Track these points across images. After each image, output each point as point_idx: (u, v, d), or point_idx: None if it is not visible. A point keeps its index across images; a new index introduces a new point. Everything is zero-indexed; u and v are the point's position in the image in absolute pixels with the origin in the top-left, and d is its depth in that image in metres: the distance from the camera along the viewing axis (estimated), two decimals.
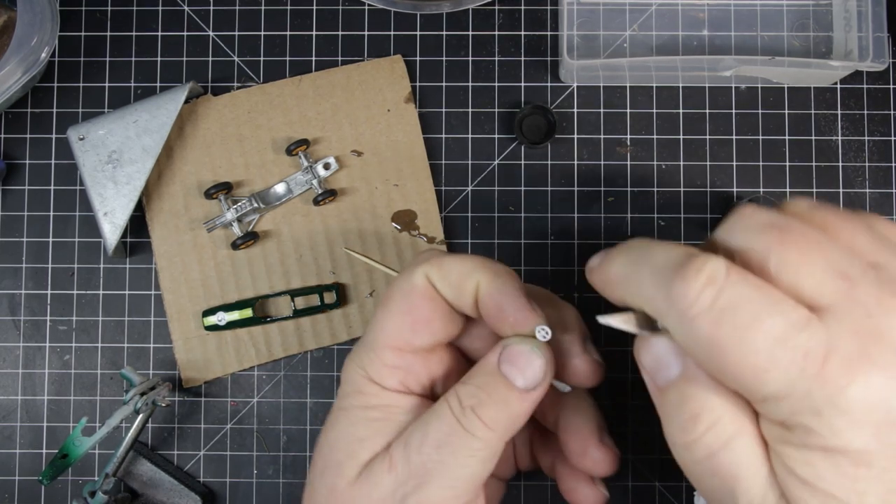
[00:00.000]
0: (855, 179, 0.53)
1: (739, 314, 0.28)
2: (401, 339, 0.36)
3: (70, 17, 0.54)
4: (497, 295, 0.35)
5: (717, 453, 0.30)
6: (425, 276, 0.37)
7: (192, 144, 0.53)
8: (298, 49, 0.54)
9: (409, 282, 0.37)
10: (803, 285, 0.29)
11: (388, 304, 0.37)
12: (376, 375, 0.37)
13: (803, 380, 0.27)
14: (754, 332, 0.28)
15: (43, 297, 0.53)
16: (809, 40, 0.53)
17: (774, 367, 0.28)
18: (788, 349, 0.28)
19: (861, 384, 0.27)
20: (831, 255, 0.29)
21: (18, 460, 0.52)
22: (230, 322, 0.51)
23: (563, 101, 0.53)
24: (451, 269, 0.36)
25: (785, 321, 0.28)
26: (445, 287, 0.36)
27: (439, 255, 0.38)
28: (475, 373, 0.36)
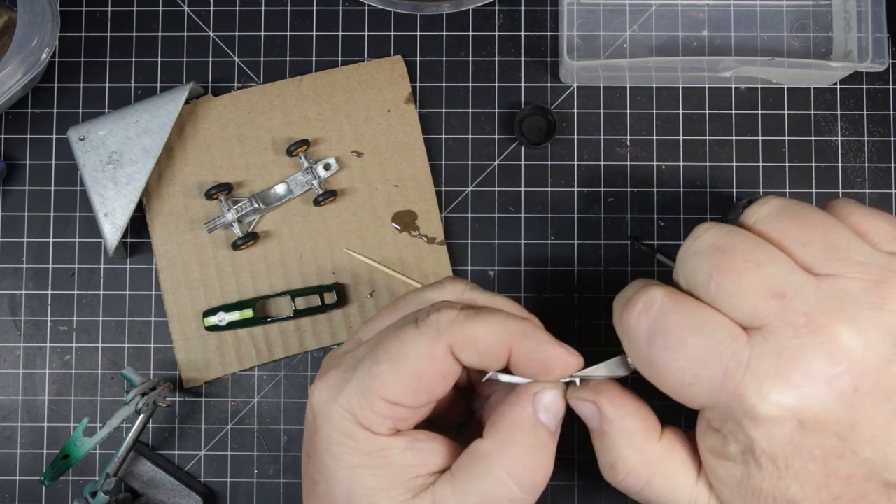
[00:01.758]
0: (855, 180, 0.53)
1: (666, 337, 0.32)
2: (399, 399, 0.34)
3: (70, 17, 0.54)
4: (536, 356, 0.35)
5: (640, 492, 0.35)
6: (448, 347, 0.35)
7: (193, 145, 0.53)
8: (299, 49, 0.54)
9: (430, 350, 0.34)
10: (738, 307, 0.31)
11: (398, 361, 0.34)
12: (367, 423, 0.35)
13: (723, 395, 0.31)
14: (678, 352, 0.32)
15: (43, 297, 0.53)
16: (809, 41, 0.54)
17: (697, 382, 0.31)
18: (710, 367, 0.31)
19: (772, 402, 0.30)
20: (770, 273, 0.31)
21: (19, 460, 0.52)
22: (231, 322, 0.51)
23: (563, 101, 0.53)
24: (478, 340, 0.34)
25: (709, 342, 0.31)
26: (471, 358, 0.35)
27: (462, 320, 0.35)
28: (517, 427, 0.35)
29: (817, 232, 0.32)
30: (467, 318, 0.35)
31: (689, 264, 0.33)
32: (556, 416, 0.36)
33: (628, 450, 0.35)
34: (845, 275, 0.31)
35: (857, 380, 0.30)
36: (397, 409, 0.35)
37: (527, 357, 0.35)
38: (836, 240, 0.32)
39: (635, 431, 0.35)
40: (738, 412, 0.31)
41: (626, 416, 0.35)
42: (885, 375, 0.30)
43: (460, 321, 0.35)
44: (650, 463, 0.34)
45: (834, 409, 0.30)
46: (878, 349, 0.30)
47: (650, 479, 0.34)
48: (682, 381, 0.32)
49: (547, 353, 0.35)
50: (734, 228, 0.33)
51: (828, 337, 0.30)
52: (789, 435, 0.30)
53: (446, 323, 0.35)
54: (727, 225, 0.33)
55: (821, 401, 0.30)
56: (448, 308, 0.35)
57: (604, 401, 0.35)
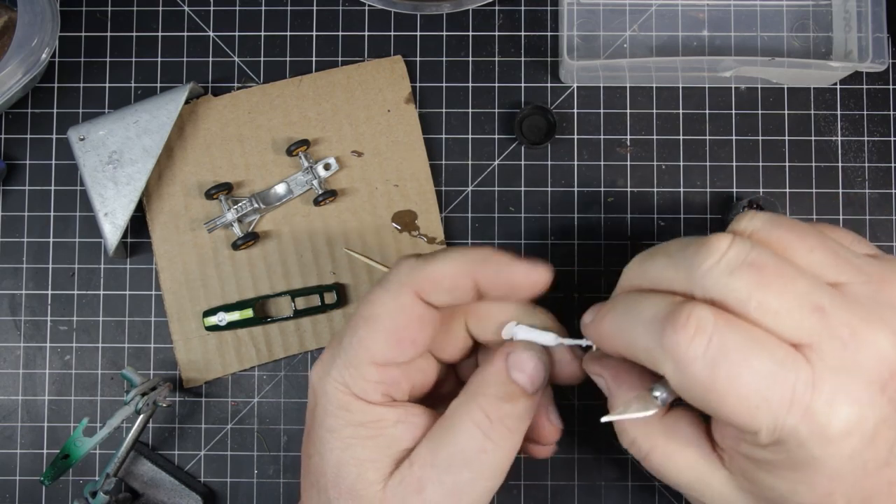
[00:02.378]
0: (854, 180, 0.53)
1: (730, 358, 0.30)
2: (385, 357, 0.35)
3: (70, 17, 0.54)
4: (502, 276, 0.36)
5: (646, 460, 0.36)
6: (416, 293, 0.36)
7: (193, 145, 0.53)
8: (299, 49, 0.54)
9: (397, 300, 0.35)
10: (783, 325, 0.30)
11: (372, 322, 0.36)
12: (361, 392, 0.36)
13: (791, 416, 0.29)
14: (745, 374, 0.29)
15: (44, 297, 0.53)
16: (809, 41, 0.54)
17: (766, 405, 0.29)
18: (777, 388, 0.29)
19: (841, 418, 0.29)
20: (801, 287, 0.31)
21: (19, 461, 0.52)
22: (231, 322, 0.51)
23: (563, 101, 0.53)
24: (439, 277, 0.35)
25: (773, 361, 0.30)
26: (440, 296, 0.36)
27: (421, 265, 0.36)
28: (487, 383, 0.36)
29: (815, 238, 0.32)
30: (425, 261, 0.36)
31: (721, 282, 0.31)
32: (530, 376, 0.36)
33: (629, 422, 0.35)
34: (853, 281, 0.31)
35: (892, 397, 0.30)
36: (387, 371, 0.36)
37: (492, 281, 0.36)
38: (832, 244, 0.32)
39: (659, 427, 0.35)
40: (804, 432, 0.29)
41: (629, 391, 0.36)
42: None
43: (419, 266, 0.36)
44: (650, 437, 0.35)
45: (886, 416, 0.30)
46: None
47: (649, 453, 0.35)
48: (749, 406, 0.30)
49: (510, 272, 0.35)
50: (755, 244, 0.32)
51: (873, 345, 0.30)
52: (850, 451, 0.30)
53: (406, 272, 0.36)
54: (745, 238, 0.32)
55: (880, 411, 0.30)
56: (405, 258, 0.36)
57: (608, 375, 0.36)
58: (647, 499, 0.51)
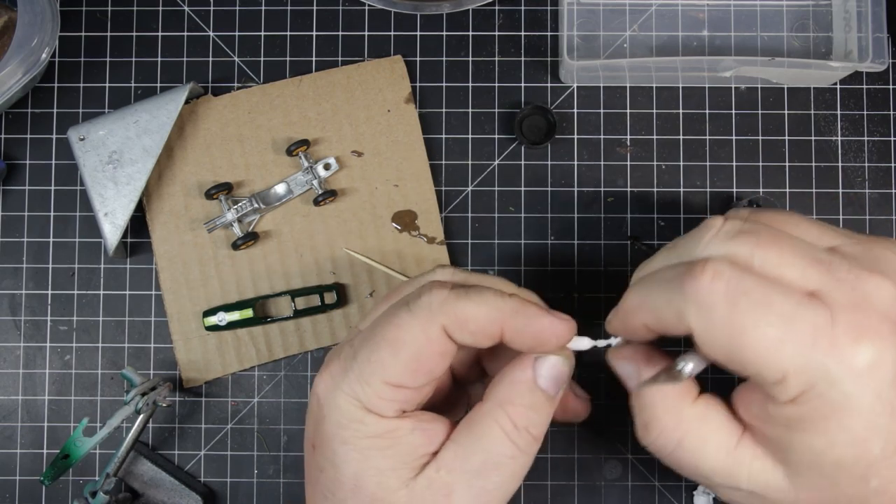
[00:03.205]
0: (855, 180, 0.53)
1: (751, 297, 0.31)
2: (401, 380, 0.35)
3: (70, 17, 0.54)
4: (528, 330, 0.35)
5: (673, 453, 0.35)
6: (442, 328, 0.35)
7: (193, 145, 0.53)
8: (298, 49, 0.54)
9: (425, 332, 0.35)
10: (789, 277, 0.32)
11: (395, 346, 0.35)
12: (374, 407, 0.35)
13: (816, 352, 0.30)
14: (767, 310, 0.31)
15: (43, 297, 0.53)
16: (809, 41, 0.54)
17: (790, 340, 0.30)
18: (799, 323, 0.30)
19: (866, 351, 0.30)
20: (799, 245, 0.33)
21: (19, 460, 0.52)
22: (231, 322, 0.51)
23: (563, 101, 0.53)
24: (469, 319, 0.35)
25: (792, 300, 0.31)
26: (465, 337, 0.35)
27: (454, 301, 0.35)
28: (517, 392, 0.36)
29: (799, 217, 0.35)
30: (458, 297, 0.35)
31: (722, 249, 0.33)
32: (556, 381, 0.37)
33: (662, 409, 0.35)
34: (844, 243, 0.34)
35: None
36: (401, 392, 0.35)
37: (519, 333, 0.35)
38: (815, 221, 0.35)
39: (670, 392, 0.35)
40: (833, 367, 0.30)
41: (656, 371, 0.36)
42: None
43: (451, 301, 0.35)
44: (683, 423, 0.34)
45: None
46: None
47: (682, 439, 0.34)
48: (774, 340, 0.31)
49: (538, 326, 0.35)
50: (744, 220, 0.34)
51: (878, 288, 0.31)
52: (877, 388, 0.30)
53: (438, 304, 0.35)
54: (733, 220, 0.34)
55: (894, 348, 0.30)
56: (438, 288, 0.36)
57: (641, 361, 0.36)
58: (647, 499, 0.51)
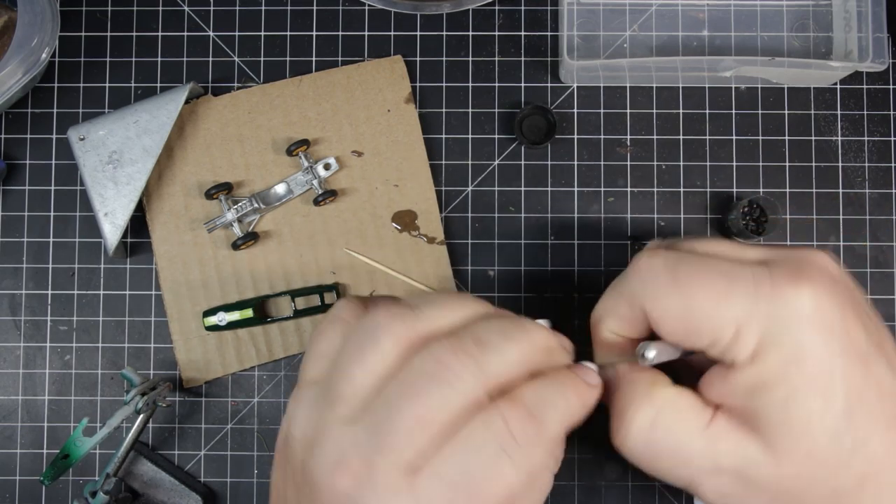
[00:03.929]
0: (855, 179, 0.53)
1: (689, 262, 0.34)
2: None
3: (70, 17, 0.54)
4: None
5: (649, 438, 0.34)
6: (545, 457, 0.33)
7: (193, 145, 0.53)
8: (298, 49, 0.54)
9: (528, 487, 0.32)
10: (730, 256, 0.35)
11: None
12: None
13: (760, 301, 0.32)
14: (707, 269, 0.33)
15: (44, 297, 0.53)
16: (809, 41, 0.54)
17: (733, 292, 0.32)
18: (739, 277, 0.33)
19: (807, 293, 0.32)
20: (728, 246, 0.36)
21: (19, 460, 0.52)
22: (231, 322, 0.51)
23: (563, 101, 0.53)
24: (562, 431, 0.34)
25: (728, 262, 0.34)
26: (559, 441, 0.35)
27: (545, 425, 0.32)
28: None
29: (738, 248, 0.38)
30: (542, 415, 0.33)
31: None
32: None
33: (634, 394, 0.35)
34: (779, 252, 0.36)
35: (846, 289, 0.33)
36: None
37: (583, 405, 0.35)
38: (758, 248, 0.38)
39: (644, 378, 0.35)
40: (781, 313, 0.32)
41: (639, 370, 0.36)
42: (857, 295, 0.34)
43: (540, 424, 0.32)
44: (655, 402, 0.34)
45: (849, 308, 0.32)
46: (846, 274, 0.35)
47: (656, 419, 0.34)
48: (718, 292, 0.33)
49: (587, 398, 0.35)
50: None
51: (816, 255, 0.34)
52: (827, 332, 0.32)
53: (534, 437, 0.32)
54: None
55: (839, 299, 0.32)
56: (527, 422, 0.32)
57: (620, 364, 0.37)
58: (647, 499, 0.51)
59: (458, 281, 0.53)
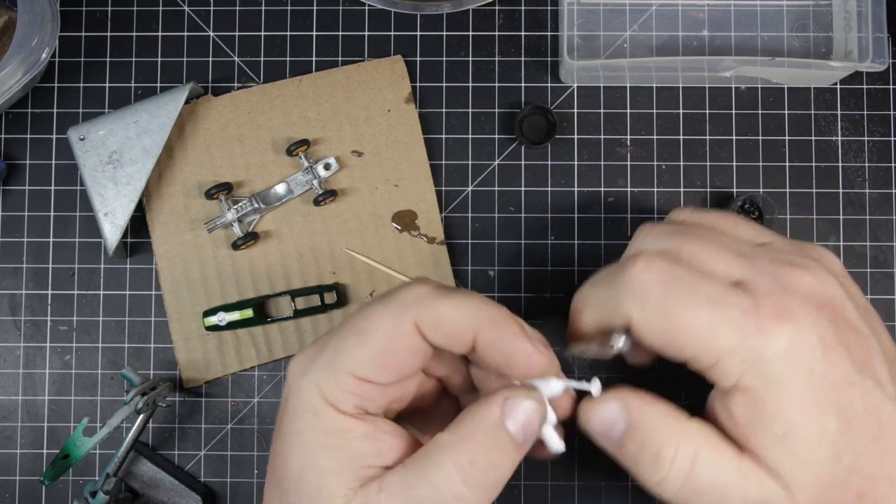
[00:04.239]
0: (855, 180, 0.53)
1: (683, 283, 0.34)
2: (366, 372, 0.34)
3: (70, 17, 0.54)
4: (500, 345, 0.34)
5: (690, 475, 0.33)
6: (415, 322, 0.34)
7: (193, 145, 0.53)
8: (299, 49, 0.54)
9: (396, 324, 0.34)
10: (715, 269, 0.35)
11: (364, 336, 0.34)
12: (332, 398, 0.34)
13: (745, 334, 0.32)
14: (698, 295, 0.33)
15: (43, 297, 0.53)
16: (809, 41, 0.54)
17: (722, 323, 0.33)
18: (728, 307, 0.33)
19: (787, 330, 0.32)
20: (724, 241, 0.36)
21: (19, 460, 0.52)
22: (231, 322, 0.51)
23: (564, 101, 0.53)
24: (445, 318, 0.34)
25: (717, 287, 0.34)
26: (437, 336, 0.34)
27: (432, 298, 0.34)
28: (481, 429, 0.34)
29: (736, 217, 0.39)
30: (437, 296, 0.34)
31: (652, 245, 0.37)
32: (524, 428, 0.34)
33: (668, 430, 0.34)
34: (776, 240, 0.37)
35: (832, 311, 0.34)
36: (364, 386, 0.34)
37: (491, 346, 0.34)
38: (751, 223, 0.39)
39: (668, 412, 0.34)
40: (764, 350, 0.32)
41: (654, 402, 0.34)
42: (846, 310, 0.35)
43: (429, 298, 0.34)
44: (693, 438, 0.33)
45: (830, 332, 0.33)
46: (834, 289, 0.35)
47: (698, 453, 0.33)
48: (706, 324, 0.33)
49: (512, 346, 0.34)
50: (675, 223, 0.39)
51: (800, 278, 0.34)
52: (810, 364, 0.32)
53: (413, 298, 0.34)
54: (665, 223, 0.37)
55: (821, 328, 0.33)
56: (419, 284, 0.35)
57: (626, 394, 0.35)
58: (647, 499, 0.51)
59: (458, 281, 0.53)
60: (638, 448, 0.34)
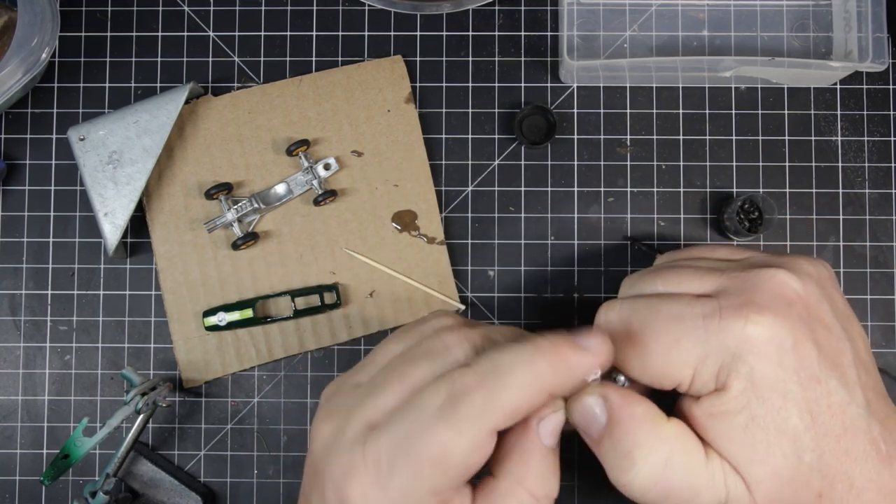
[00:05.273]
0: (855, 179, 0.53)
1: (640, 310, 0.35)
2: (447, 490, 0.33)
3: (70, 17, 0.54)
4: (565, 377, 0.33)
5: (661, 478, 0.33)
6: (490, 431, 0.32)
7: (193, 145, 0.53)
8: (298, 49, 0.54)
9: (474, 445, 0.32)
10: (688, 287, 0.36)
11: (443, 466, 0.32)
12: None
13: (710, 336, 0.33)
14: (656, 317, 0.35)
15: (43, 297, 0.53)
16: (809, 41, 0.54)
17: (684, 336, 0.34)
18: (688, 318, 0.34)
19: (756, 322, 0.33)
20: (701, 264, 0.38)
21: (19, 460, 0.52)
22: (230, 322, 0.51)
23: (563, 101, 0.53)
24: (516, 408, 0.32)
25: (678, 303, 0.35)
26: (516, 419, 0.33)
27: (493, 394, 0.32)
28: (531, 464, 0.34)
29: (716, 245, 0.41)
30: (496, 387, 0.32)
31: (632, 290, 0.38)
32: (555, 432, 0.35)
33: (643, 431, 0.34)
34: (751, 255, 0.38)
35: (805, 307, 0.35)
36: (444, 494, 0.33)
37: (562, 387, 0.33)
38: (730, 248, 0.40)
39: (646, 414, 0.34)
40: (732, 343, 0.33)
41: (634, 402, 0.34)
42: (821, 309, 0.35)
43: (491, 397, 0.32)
44: (666, 440, 0.34)
45: (800, 328, 0.34)
46: (811, 288, 0.35)
47: (669, 457, 0.33)
48: (669, 341, 0.34)
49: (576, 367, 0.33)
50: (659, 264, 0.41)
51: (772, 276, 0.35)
52: (778, 356, 0.33)
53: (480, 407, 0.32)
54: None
55: (790, 322, 0.34)
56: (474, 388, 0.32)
57: (609, 391, 0.35)
58: None
59: (458, 281, 0.53)
60: (611, 445, 0.34)
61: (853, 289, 0.52)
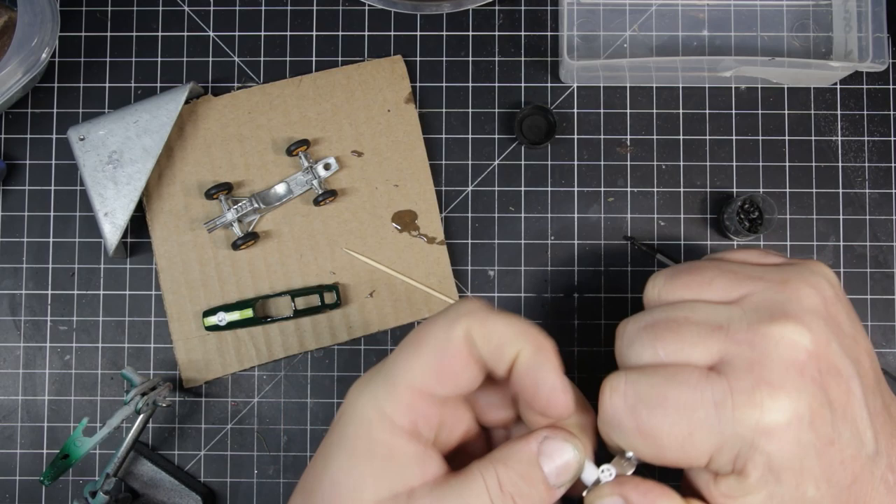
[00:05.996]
0: (855, 179, 0.53)
1: (647, 400, 0.34)
2: (424, 384, 0.35)
3: (70, 17, 0.54)
4: (535, 371, 0.35)
5: None
6: (466, 331, 0.35)
7: (193, 145, 0.53)
8: (299, 49, 0.54)
9: (448, 333, 0.35)
10: (692, 357, 0.34)
11: (419, 347, 0.35)
12: (390, 409, 0.34)
13: (724, 425, 0.32)
14: (666, 408, 0.33)
15: (43, 297, 0.53)
16: (809, 41, 0.54)
17: (696, 429, 0.33)
18: (699, 408, 0.33)
19: (771, 408, 0.32)
20: (700, 318, 0.35)
21: (19, 460, 0.52)
22: (230, 322, 0.51)
23: (563, 101, 0.53)
24: (495, 330, 0.35)
25: (685, 388, 0.33)
26: (484, 347, 0.35)
27: (485, 311, 0.35)
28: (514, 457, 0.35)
29: (711, 270, 0.37)
30: (489, 310, 0.35)
31: (632, 352, 0.36)
32: (559, 471, 0.35)
33: None
34: (754, 290, 0.35)
35: (816, 363, 0.33)
36: (420, 402, 0.35)
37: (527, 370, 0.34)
38: (731, 267, 0.37)
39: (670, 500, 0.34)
40: (747, 434, 0.32)
41: (656, 499, 0.34)
42: (830, 353, 0.34)
43: (481, 312, 0.35)
44: None
45: (815, 395, 0.33)
46: (819, 332, 0.34)
47: None
48: (682, 435, 0.33)
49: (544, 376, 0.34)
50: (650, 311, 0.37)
51: (780, 337, 0.33)
52: (795, 436, 0.32)
53: (465, 310, 0.35)
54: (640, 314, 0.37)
55: (806, 392, 0.32)
56: (470, 300, 0.36)
57: (629, 489, 0.35)
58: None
59: (458, 281, 0.53)
60: None
61: (853, 289, 0.52)
